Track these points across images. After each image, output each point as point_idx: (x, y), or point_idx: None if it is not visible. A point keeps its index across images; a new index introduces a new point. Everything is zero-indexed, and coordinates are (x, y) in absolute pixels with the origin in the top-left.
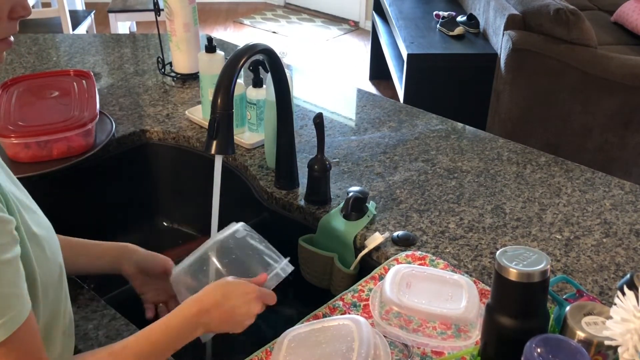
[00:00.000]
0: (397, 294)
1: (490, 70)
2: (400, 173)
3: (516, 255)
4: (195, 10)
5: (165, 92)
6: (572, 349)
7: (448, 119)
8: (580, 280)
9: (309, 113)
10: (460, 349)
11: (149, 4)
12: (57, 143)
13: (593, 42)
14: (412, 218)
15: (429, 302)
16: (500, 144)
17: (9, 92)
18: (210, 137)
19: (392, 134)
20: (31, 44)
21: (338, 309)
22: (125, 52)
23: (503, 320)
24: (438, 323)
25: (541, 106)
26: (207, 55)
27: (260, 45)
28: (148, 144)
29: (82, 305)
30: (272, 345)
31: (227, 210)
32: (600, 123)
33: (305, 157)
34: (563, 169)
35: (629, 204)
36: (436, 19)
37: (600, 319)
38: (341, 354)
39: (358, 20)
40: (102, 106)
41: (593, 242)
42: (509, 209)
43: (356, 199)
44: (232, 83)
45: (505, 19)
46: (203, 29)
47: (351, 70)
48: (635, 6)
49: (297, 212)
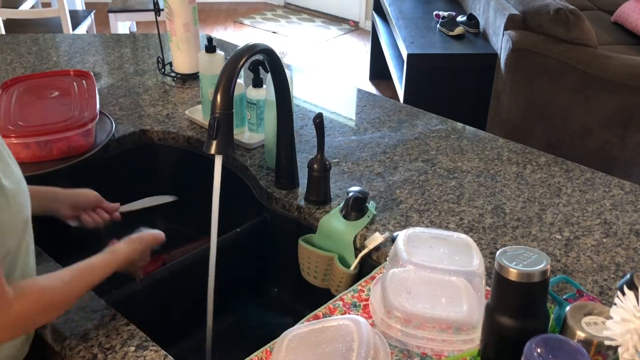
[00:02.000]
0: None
1: (490, 70)
2: (400, 173)
3: (516, 255)
4: (195, 10)
5: (165, 92)
6: (572, 349)
7: (448, 119)
8: (580, 280)
9: (309, 113)
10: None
11: (149, 4)
12: (57, 143)
13: (593, 42)
14: (412, 218)
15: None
16: (500, 144)
17: (9, 92)
18: (210, 137)
19: (392, 134)
20: (31, 44)
21: (338, 309)
22: (125, 52)
23: (503, 320)
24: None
25: (541, 106)
26: (207, 55)
27: (260, 45)
28: (148, 144)
29: (82, 305)
30: (272, 345)
31: (227, 210)
32: (600, 123)
33: (305, 157)
34: (563, 169)
35: (629, 204)
36: (436, 19)
37: (600, 319)
38: (341, 354)
39: (358, 20)
40: (102, 106)
41: (593, 242)
42: (509, 209)
43: (356, 199)
44: (232, 83)
45: (505, 19)
46: (203, 29)
47: (351, 70)
48: (635, 6)
49: (297, 212)
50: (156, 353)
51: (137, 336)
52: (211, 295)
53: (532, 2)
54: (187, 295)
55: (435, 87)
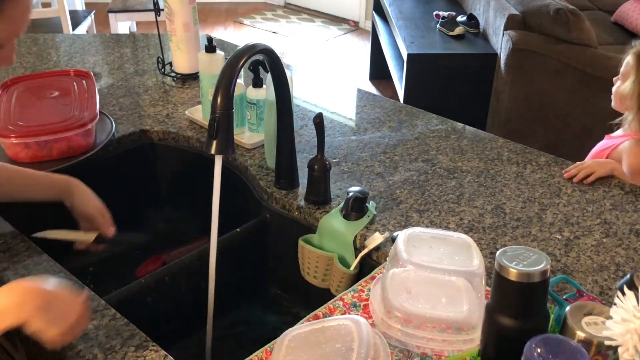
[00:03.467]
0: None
1: (490, 70)
2: (400, 173)
3: (516, 255)
4: (195, 10)
5: (165, 92)
6: (572, 349)
7: (448, 119)
8: (580, 280)
9: (309, 113)
10: (461, 349)
11: (149, 4)
12: (57, 143)
13: (593, 42)
14: (412, 218)
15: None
16: (500, 144)
17: (9, 92)
18: (210, 137)
19: (392, 134)
20: (31, 44)
21: (338, 309)
22: (125, 52)
23: (503, 320)
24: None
25: (541, 106)
26: (207, 55)
27: (260, 45)
28: (148, 144)
29: None
30: (272, 345)
31: (227, 210)
32: (600, 123)
33: (305, 157)
34: (563, 169)
35: (629, 204)
36: (436, 19)
37: (600, 319)
38: (341, 354)
39: (358, 20)
40: (102, 106)
41: (593, 242)
42: (509, 209)
43: (356, 199)
44: (232, 83)
45: (505, 19)
46: (203, 29)
47: (351, 70)
48: (635, 6)
49: (297, 212)
50: (156, 353)
51: (137, 336)
52: (211, 295)
53: (532, 2)
54: (187, 295)
55: (435, 87)
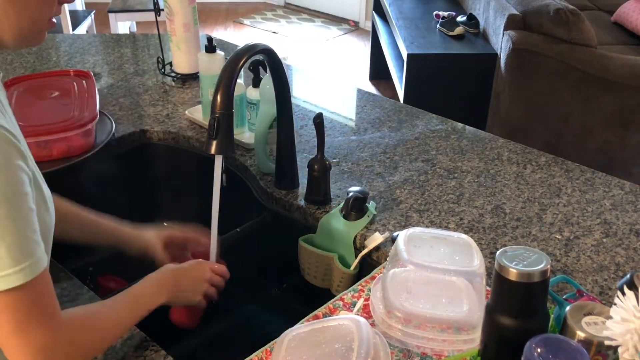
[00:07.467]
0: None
1: (490, 70)
2: (400, 173)
3: (516, 255)
4: (195, 10)
5: (165, 92)
6: (572, 349)
7: (448, 119)
8: (580, 280)
9: (309, 113)
10: (461, 349)
11: (149, 4)
12: (57, 143)
13: (593, 42)
14: (412, 218)
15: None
16: (500, 144)
17: (8, 92)
18: (210, 137)
19: (392, 134)
20: None
21: (338, 309)
22: (125, 52)
23: (503, 320)
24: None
25: (541, 106)
26: (207, 55)
27: (260, 45)
28: (148, 144)
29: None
30: (272, 345)
31: (227, 210)
32: (600, 123)
33: (305, 157)
34: (563, 169)
35: (629, 204)
36: (436, 19)
37: (600, 319)
38: (341, 354)
39: (358, 20)
40: (102, 106)
41: (593, 242)
42: (509, 209)
43: (356, 199)
44: (232, 83)
45: (505, 19)
46: (203, 29)
47: (351, 70)
48: (635, 6)
49: (297, 212)
50: (156, 353)
51: (137, 336)
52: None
53: (532, 2)
54: None
55: (435, 87)
